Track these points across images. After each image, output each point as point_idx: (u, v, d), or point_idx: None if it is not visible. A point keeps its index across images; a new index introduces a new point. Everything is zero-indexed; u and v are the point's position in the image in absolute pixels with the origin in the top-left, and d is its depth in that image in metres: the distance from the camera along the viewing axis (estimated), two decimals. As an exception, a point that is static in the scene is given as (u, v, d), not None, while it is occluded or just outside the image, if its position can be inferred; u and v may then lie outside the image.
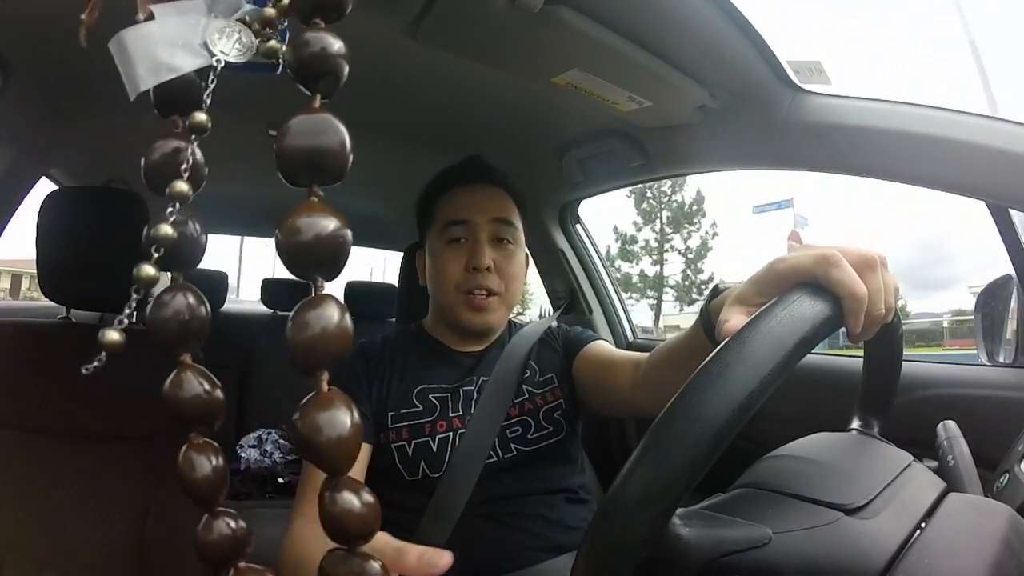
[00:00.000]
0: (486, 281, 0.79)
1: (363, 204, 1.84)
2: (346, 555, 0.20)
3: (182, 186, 0.20)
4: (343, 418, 0.18)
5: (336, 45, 0.19)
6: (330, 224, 0.18)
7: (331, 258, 0.19)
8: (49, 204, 0.81)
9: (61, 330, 0.87)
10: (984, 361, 0.84)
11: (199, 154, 0.20)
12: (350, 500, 0.19)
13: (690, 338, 0.58)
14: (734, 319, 0.37)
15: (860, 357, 0.50)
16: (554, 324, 0.93)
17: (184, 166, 0.20)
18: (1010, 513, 0.35)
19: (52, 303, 0.87)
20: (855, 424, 0.50)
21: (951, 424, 0.50)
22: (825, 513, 0.33)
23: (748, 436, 0.46)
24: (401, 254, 1.50)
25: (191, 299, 0.20)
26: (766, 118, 0.85)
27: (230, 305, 2.21)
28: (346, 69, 0.19)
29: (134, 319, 0.20)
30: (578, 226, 1.50)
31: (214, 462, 0.21)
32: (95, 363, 0.19)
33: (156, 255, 0.19)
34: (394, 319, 1.99)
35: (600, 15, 0.69)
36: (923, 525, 0.34)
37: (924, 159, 0.72)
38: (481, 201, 0.82)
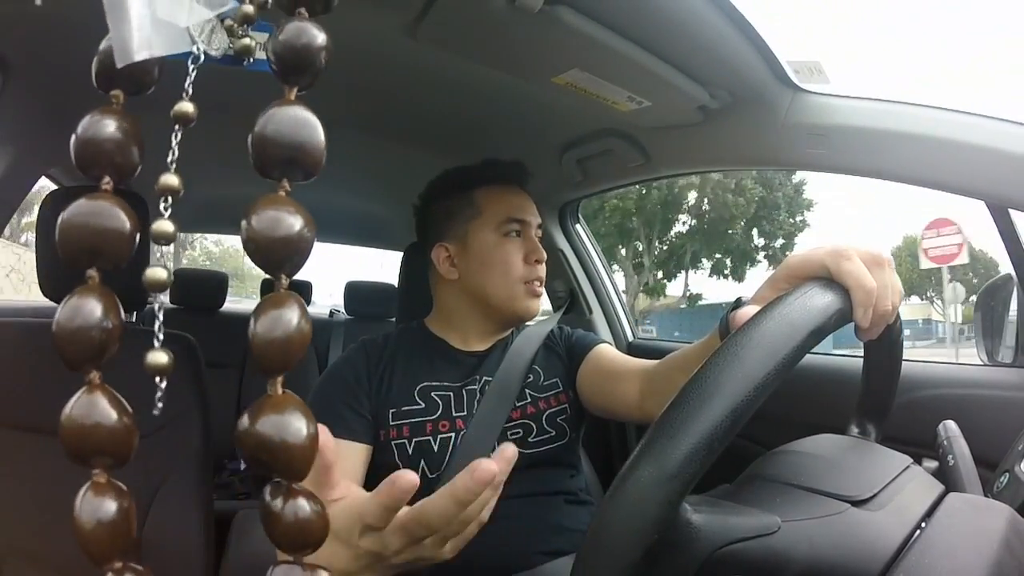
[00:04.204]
0: (541, 272, 0.85)
1: (362, 204, 1.84)
2: (292, 567, 0.18)
3: (171, 179, 0.19)
4: (298, 423, 0.17)
5: (319, 38, 0.18)
6: (296, 222, 0.18)
7: (295, 255, 0.18)
8: (49, 204, 0.81)
9: None
10: (984, 361, 0.84)
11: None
12: (303, 507, 0.17)
13: (707, 346, 0.58)
14: (748, 309, 0.38)
15: (860, 357, 0.50)
16: (556, 327, 0.93)
17: (170, 158, 0.19)
18: (1010, 513, 0.35)
19: (52, 303, 0.87)
20: (853, 432, 0.50)
21: (951, 424, 0.50)
22: (832, 504, 0.33)
23: (748, 436, 0.46)
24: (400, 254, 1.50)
25: (105, 305, 0.18)
26: (766, 118, 0.84)
27: (230, 305, 2.21)
28: (323, 63, 0.18)
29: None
30: (578, 226, 1.50)
31: (118, 507, 0.18)
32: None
33: (160, 255, 0.18)
34: (394, 319, 1.99)
35: (600, 15, 0.69)
36: (923, 525, 0.34)
37: (924, 159, 0.72)
38: (527, 205, 0.87)
